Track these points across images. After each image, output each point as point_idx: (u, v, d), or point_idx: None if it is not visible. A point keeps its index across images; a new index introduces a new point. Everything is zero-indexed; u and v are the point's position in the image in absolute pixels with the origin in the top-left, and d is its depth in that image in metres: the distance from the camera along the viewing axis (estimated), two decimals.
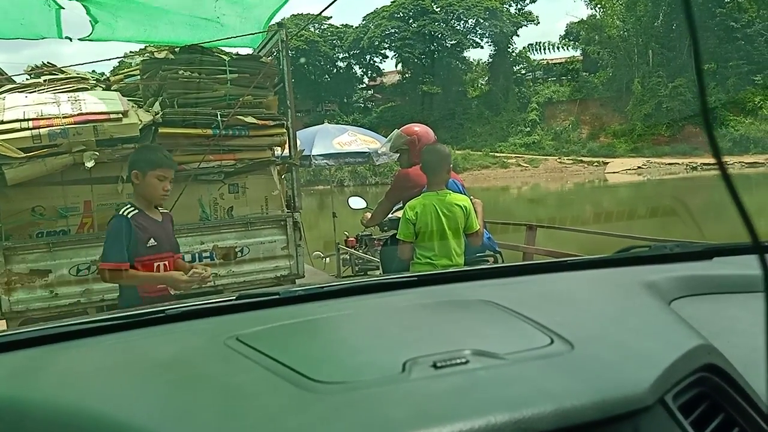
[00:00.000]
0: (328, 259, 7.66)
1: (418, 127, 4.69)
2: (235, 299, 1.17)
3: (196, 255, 4.44)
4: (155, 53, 4.62)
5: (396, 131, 4.81)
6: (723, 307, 1.06)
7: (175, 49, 4.51)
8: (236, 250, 4.50)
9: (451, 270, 1.52)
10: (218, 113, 4.34)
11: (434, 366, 0.77)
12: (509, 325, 0.95)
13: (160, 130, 4.26)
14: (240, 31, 5.00)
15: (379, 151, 7.61)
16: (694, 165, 38.15)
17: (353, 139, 8.54)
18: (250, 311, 1.12)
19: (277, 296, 1.17)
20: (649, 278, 1.13)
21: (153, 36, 5.18)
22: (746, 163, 37.41)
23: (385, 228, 5.57)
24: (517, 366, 0.78)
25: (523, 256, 6.19)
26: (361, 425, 0.67)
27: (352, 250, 6.75)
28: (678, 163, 38.63)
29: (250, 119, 4.46)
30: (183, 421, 0.72)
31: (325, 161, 8.38)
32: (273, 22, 5.11)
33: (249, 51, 5.66)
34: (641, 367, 0.77)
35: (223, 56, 4.55)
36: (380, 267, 5.37)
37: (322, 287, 1.22)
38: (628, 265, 1.33)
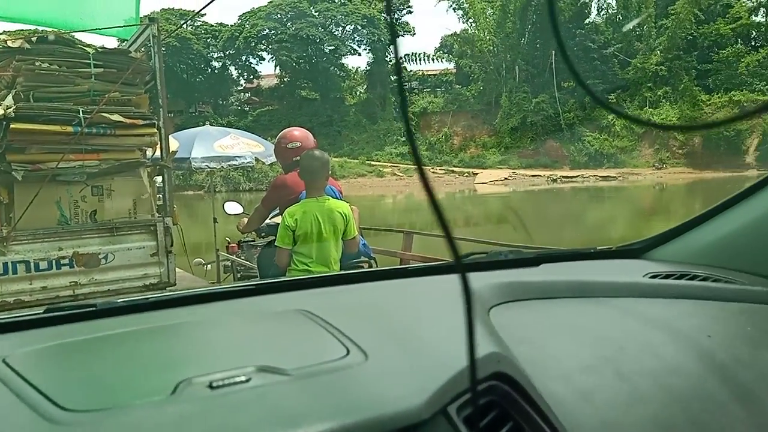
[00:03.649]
0: (209, 266, 7.42)
1: (298, 132, 4.65)
2: (43, 312, 1.07)
3: (53, 262, 4.12)
4: (9, 42, 4.23)
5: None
6: (538, 313, 1.10)
7: (32, 39, 4.16)
8: (99, 256, 4.21)
9: (300, 277, 1.51)
10: (80, 109, 4.06)
11: (210, 386, 0.73)
12: (311, 336, 0.94)
13: (12, 126, 3.90)
14: (107, 8, 4.76)
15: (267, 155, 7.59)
16: (554, 177, 41.02)
17: (236, 143, 8.36)
18: (63, 324, 1.03)
19: (94, 308, 1.09)
20: (473, 285, 1.14)
21: (9, 11, 4.76)
22: (600, 177, 40.81)
23: (263, 234, 5.46)
24: (301, 382, 0.76)
25: (399, 261, 6.32)
26: None
27: (233, 257, 6.56)
28: (540, 175, 41.36)
29: (116, 117, 4.20)
30: None
31: (205, 164, 8.12)
32: (144, 14, 4.90)
33: (119, 44, 5.37)
34: (426, 378, 0.77)
35: (86, 49, 4.26)
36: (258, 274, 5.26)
37: (147, 298, 1.16)
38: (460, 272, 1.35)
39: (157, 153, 4.70)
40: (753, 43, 43.07)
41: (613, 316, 1.08)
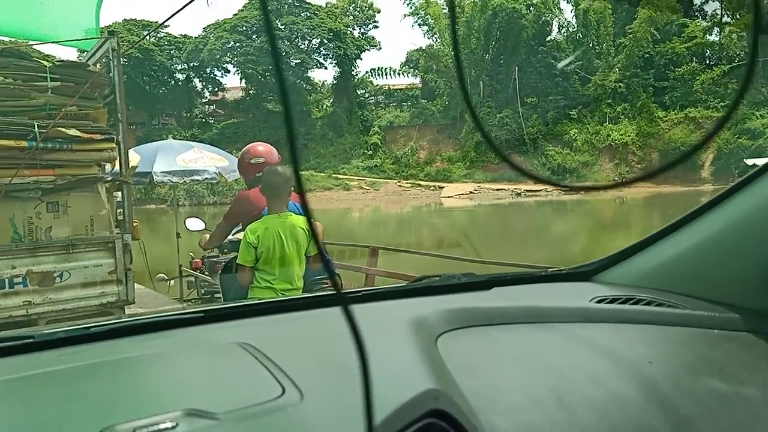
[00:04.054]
0: (172, 282, 7.30)
1: (262, 147, 4.61)
2: None
3: (6, 281, 3.99)
4: None
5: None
6: (487, 340, 1.10)
7: None
8: (54, 275, 4.09)
9: (243, 302, 1.46)
10: (36, 124, 3.96)
11: None
12: (248, 373, 0.90)
13: None
14: (67, 19, 4.69)
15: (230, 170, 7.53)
16: (519, 191, 41.57)
17: (199, 156, 8.26)
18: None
19: (32, 340, 1.03)
20: (421, 312, 1.12)
21: None
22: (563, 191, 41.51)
23: (225, 250, 5.39)
24: (230, 426, 0.73)
25: (365, 278, 6.30)
26: None
27: (198, 273, 6.47)
28: (505, 189, 41.86)
29: (73, 132, 4.11)
30: None
31: (167, 178, 8.00)
32: (105, 24, 4.83)
33: (78, 56, 5.28)
34: (361, 418, 0.73)
35: (43, 62, 4.17)
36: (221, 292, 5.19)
37: (88, 328, 1.10)
38: (412, 297, 1.32)
39: (117, 168, 4.61)
40: (707, 62, 44.52)
41: (559, 343, 1.08)
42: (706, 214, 1.30)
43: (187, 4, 4.94)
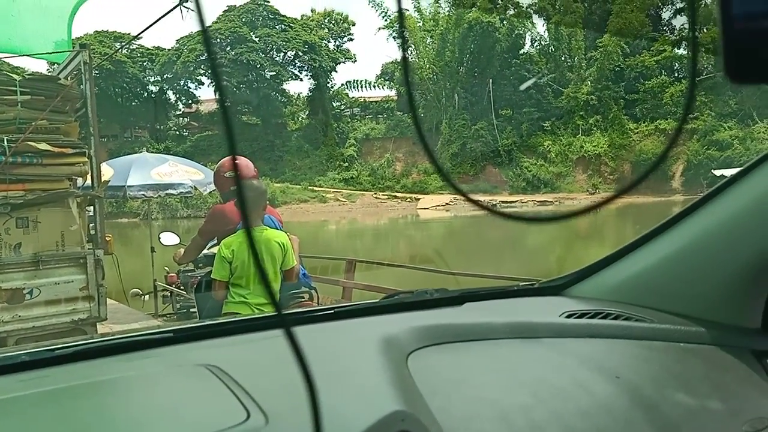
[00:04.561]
0: (147, 297, 7.20)
1: (238, 160, 4.59)
2: None
3: None
4: None
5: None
6: (458, 357, 1.09)
7: None
8: (24, 292, 4.01)
9: (201, 323, 1.42)
10: (5, 138, 3.91)
11: None
12: (212, 397, 0.88)
13: None
14: (39, 31, 4.64)
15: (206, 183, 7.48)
16: (494, 202, 41.87)
17: (174, 170, 8.18)
18: None
19: None
20: (392, 330, 1.11)
21: None
22: (538, 202, 41.91)
23: (201, 265, 5.34)
24: None
25: (342, 291, 6.28)
26: None
27: (173, 288, 6.38)
28: (480, 201, 42.09)
29: (43, 146, 4.06)
30: None
31: (142, 192, 7.92)
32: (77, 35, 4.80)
33: (48, 69, 5.22)
34: None
35: (12, 75, 4.12)
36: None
37: (53, 350, 1.05)
38: (383, 314, 1.31)
39: (88, 182, 4.55)
40: (676, 75, 45.45)
41: (530, 358, 1.09)
42: (673, 227, 1.32)
43: (161, 17, 4.93)
